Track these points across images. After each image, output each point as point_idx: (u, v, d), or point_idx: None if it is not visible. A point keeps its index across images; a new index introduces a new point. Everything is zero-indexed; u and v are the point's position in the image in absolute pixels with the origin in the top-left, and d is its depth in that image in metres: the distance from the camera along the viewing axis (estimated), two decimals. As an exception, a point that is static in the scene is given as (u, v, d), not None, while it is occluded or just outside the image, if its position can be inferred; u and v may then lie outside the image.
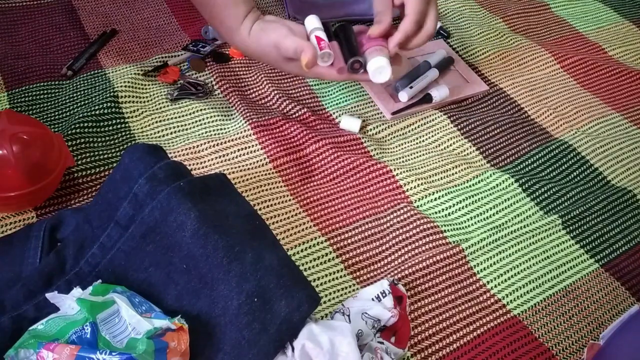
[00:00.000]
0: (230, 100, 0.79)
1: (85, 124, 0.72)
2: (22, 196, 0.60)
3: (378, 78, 0.65)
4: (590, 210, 0.72)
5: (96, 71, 0.81)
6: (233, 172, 0.71)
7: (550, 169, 0.77)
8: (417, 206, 0.70)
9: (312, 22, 0.68)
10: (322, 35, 0.66)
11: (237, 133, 0.75)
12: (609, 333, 0.54)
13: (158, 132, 0.74)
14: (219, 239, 0.49)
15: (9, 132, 0.59)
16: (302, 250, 0.64)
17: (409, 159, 0.76)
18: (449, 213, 0.70)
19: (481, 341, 0.59)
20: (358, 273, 0.63)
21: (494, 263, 0.65)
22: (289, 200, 0.69)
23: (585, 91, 0.90)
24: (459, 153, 0.78)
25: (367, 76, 0.65)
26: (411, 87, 0.80)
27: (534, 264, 0.66)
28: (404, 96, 0.79)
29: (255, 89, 0.82)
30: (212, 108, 0.78)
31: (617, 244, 0.70)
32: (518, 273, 0.65)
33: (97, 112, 0.74)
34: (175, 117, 0.76)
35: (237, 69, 0.84)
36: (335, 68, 0.65)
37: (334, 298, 0.61)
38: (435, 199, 0.71)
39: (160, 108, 0.77)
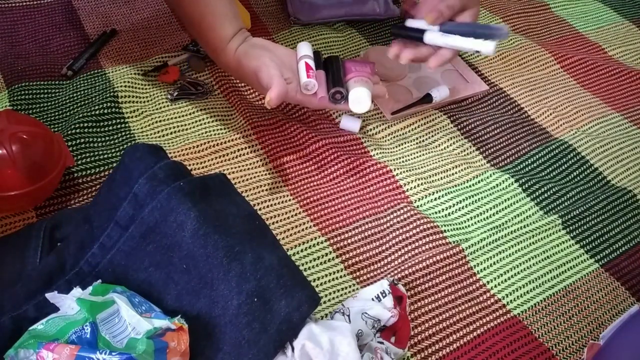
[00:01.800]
0: (230, 100, 0.79)
1: (85, 124, 0.72)
2: (22, 196, 0.60)
3: (357, 108, 0.67)
4: (590, 210, 0.72)
5: (96, 71, 0.81)
6: (233, 172, 0.71)
7: (550, 169, 0.77)
8: (417, 206, 0.70)
9: (304, 49, 0.69)
10: (311, 63, 0.68)
11: (237, 133, 0.75)
12: (609, 333, 0.54)
13: (158, 132, 0.74)
14: (219, 239, 0.49)
15: (9, 131, 0.59)
16: (302, 250, 0.64)
17: (409, 159, 0.76)
18: (449, 213, 0.70)
19: (481, 341, 0.59)
20: (358, 273, 0.63)
21: (494, 263, 0.65)
22: (289, 200, 0.69)
23: (585, 91, 0.90)
24: (459, 153, 0.78)
25: (347, 106, 0.68)
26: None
27: (534, 264, 0.66)
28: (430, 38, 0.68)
29: (255, 89, 0.82)
30: (212, 108, 0.78)
31: (617, 244, 0.70)
32: (518, 273, 0.65)
33: (97, 112, 0.74)
34: (175, 117, 0.76)
35: (237, 69, 0.84)
36: (317, 96, 0.67)
37: (334, 298, 0.61)
38: (435, 199, 0.71)
39: (160, 108, 0.77)
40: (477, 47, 0.65)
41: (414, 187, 0.72)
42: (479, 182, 0.74)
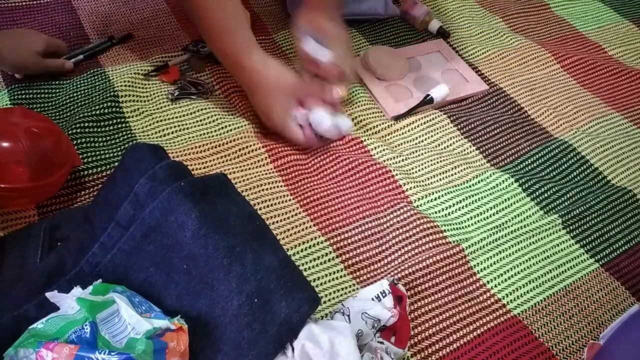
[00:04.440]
0: (231, 100, 0.79)
1: (86, 124, 0.72)
2: (28, 190, 0.60)
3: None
4: (590, 210, 0.72)
5: (96, 70, 0.81)
6: (234, 172, 0.71)
7: (550, 168, 0.77)
8: (417, 206, 0.70)
9: None
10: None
11: (238, 133, 0.75)
12: (609, 333, 0.54)
13: (159, 131, 0.74)
14: (219, 240, 0.49)
15: (23, 125, 0.60)
16: (302, 250, 0.64)
17: (409, 159, 0.76)
18: (449, 213, 0.70)
19: (481, 341, 0.59)
20: (358, 273, 0.63)
21: (494, 263, 0.65)
22: (289, 200, 0.69)
23: (585, 91, 0.90)
24: (459, 153, 0.78)
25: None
26: None
27: (534, 264, 0.66)
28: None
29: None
30: (212, 108, 0.78)
31: (617, 244, 0.70)
32: (518, 273, 0.65)
33: (98, 112, 0.74)
34: (176, 117, 0.76)
35: (237, 69, 0.84)
36: (305, 134, 0.73)
37: (334, 298, 0.61)
38: (435, 199, 0.71)
39: (161, 108, 0.77)
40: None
41: (414, 187, 0.72)
42: (479, 182, 0.74)
